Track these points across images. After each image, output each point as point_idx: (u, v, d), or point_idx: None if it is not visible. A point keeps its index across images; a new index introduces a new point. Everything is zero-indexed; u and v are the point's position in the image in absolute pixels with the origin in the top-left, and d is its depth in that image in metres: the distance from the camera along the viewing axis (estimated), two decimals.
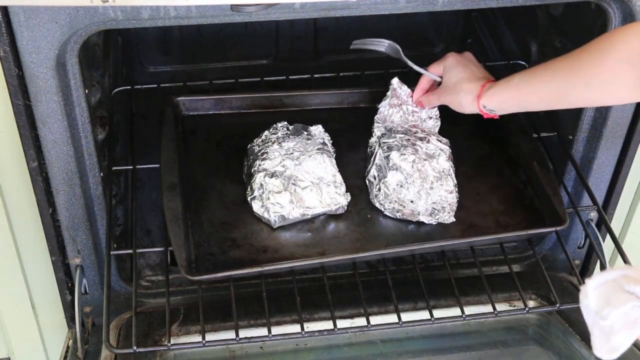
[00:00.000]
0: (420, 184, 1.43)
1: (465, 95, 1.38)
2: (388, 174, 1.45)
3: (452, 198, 1.45)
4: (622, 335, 1.02)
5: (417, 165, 1.44)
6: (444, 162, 1.46)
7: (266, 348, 1.46)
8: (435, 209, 1.44)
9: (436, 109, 1.56)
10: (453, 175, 1.47)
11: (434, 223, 1.44)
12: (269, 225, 1.43)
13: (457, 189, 1.47)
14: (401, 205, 1.44)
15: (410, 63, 1.49)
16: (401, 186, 1.44)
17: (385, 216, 1.46)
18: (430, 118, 1.56)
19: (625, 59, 1.12)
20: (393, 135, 1.51)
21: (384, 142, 1.49)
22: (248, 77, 1.77)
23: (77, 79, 1.25)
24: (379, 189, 1.46)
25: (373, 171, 1.49)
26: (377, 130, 1.54)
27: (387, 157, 1.46)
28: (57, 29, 1.15)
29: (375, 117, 1.56)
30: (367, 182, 1.51)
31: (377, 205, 1.47)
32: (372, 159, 1.50)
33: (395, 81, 1.57)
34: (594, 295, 1.04)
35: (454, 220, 1.45)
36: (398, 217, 1.46)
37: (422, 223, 1.45)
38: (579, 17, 1.48)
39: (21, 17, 1.13)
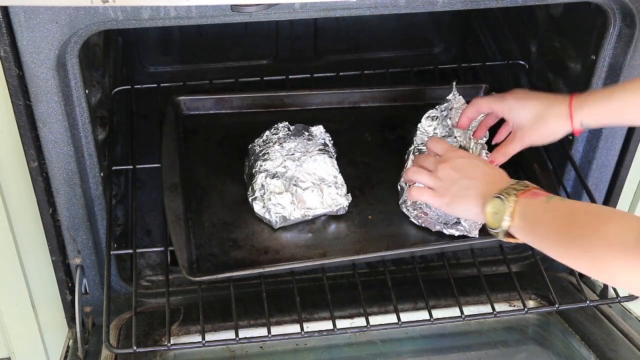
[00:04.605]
0: None
1: (555, 121, 1.30)
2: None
3: None
4: None
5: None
6: None
7: (266, 348, 1.46)
8: (454, 220, 1.40)
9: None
10: None
11: (455, 234, 1.40)
12: (270, 225, 1.43)
13: None
14: (423, 212, 1.42)
15: None
16: None
17: (386, 217, 1.46)
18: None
19: None
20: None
21: (419, 149, 1.47)
22: (248, 77, 1.76)
23: (78, 79, 1.25)
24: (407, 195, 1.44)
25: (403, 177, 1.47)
26: (418, 139, 1.51)
27: None
28: (57, 29, 1.15)
29: (418, 125, 1.52)
30: (398, 187, 1.49)
31: (405, 211, 1.45)
32: (405, 165, 1.48)
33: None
34: None
35: (476, 234, 1.39)
36: (419, 223, 1.42)
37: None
38: (579, 17, 1.48)
39: (21, 17, 1.13)
